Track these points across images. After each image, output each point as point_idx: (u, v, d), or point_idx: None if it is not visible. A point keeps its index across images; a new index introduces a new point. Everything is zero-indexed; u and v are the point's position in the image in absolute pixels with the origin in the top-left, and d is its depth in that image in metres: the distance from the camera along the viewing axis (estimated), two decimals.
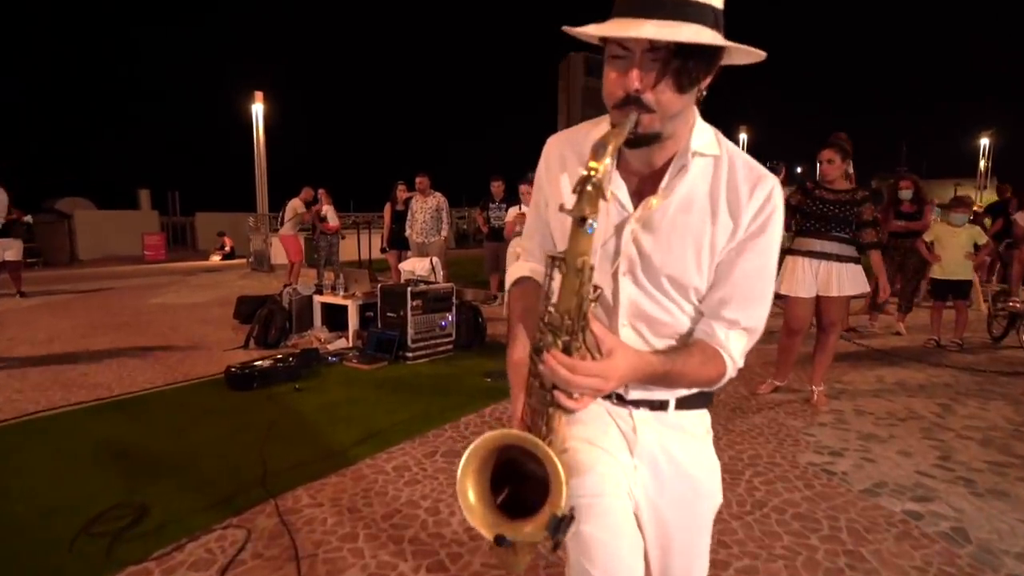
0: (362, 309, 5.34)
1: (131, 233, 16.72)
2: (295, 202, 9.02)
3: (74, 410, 3.58)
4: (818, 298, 3.73)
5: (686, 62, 0.85)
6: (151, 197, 20.12)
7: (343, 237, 9.76)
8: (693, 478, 1.09)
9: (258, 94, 13.45)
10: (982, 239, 5.49)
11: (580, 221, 0.79)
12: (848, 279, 3.67)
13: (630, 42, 0.85)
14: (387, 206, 8.19)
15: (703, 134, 0.99)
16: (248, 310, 5.96)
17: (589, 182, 0.78)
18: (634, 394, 1.06)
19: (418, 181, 7.44)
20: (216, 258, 15.98)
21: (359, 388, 4.05)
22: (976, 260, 5.56)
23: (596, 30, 0.87)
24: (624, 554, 0.97)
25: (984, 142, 25.41)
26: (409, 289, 4.76)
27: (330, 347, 5.11)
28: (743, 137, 24.35)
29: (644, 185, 1.00)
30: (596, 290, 0.85)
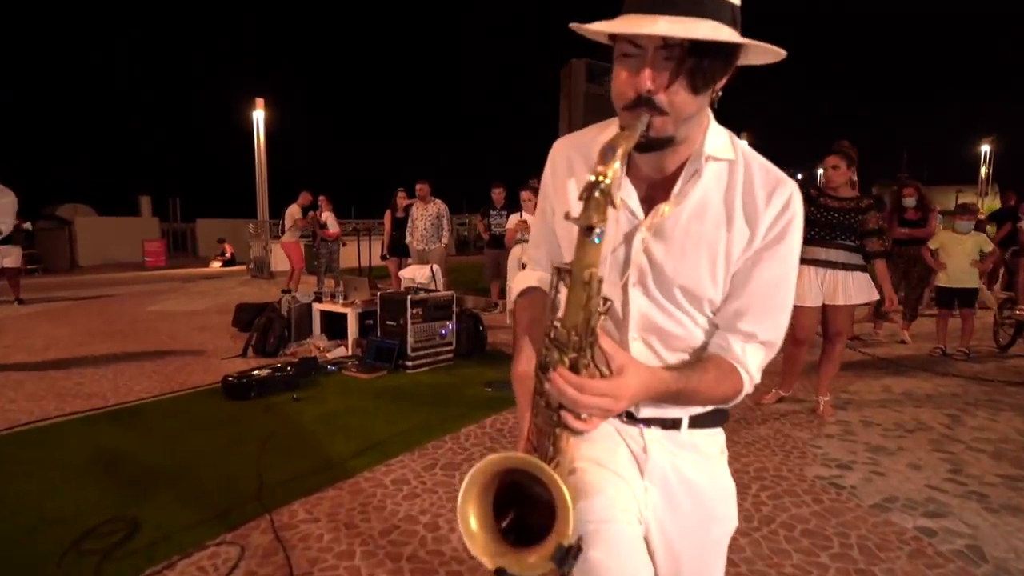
0: (361, 317, 5.29)
1: (132, 240, 16.70)
2: (292, 208, 9.00)
3: (68, 420, 3.52)
4: (824, 307, 3.68)
5: (701, 61, 0.80)
6: (152, 203, 20.12)
7: (344, 244, 9.73)
8: (707, 501, 1.04)
9: (259, 101, 13.47)
10: (988, 247, 5.44)
11: (587, 230, 0.74)
12: (854, 288, 3.62)
13: (642, 39, 0.80)
14: (387, 213, 8.16)
15: (717, 137, 0.94)
16: (247, 318, 5.91)
17: (597, 188, 0.73)
18: (645, 412, 1.01)
19: (418, 188, 7.41)
20: (216, 265, 15.94)
21: (358, 398, 3.99)
22: (982, 268, 5.51)
23: (606, 27, 0.82)
24: None
25: (985, 149, 25.40)
26: (409, 297, 4.70)
27: (329, 355, 5.05)
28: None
29: (655, 191, 0.95)
30: (606, 302, 0.80)
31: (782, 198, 0.93)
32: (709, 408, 1.03)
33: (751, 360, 0.97)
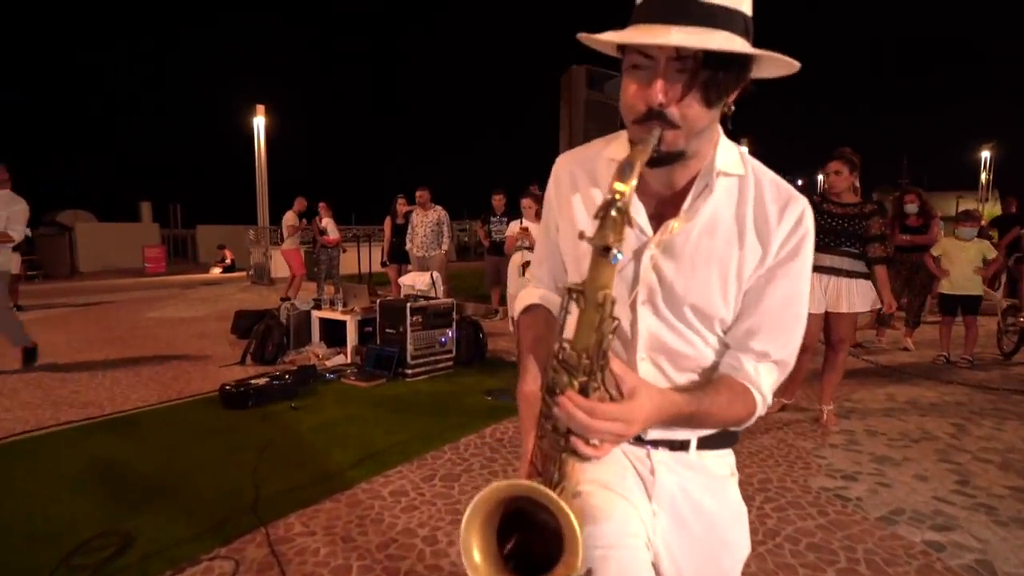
0: (361, 324, 5.25)
1: (132, 246, 16.72)
2: (288, 215, 9.01)
3: (62, 430, 3.48)
4: (827, 314, 3.64)
5: (715, 73, 0.77)
6: (153, 209, 20.15)
7: (344, 250, 9.71)
8: (717, 525, 1.00)
9: (260, 107, 13.47)
10: (991, 253, 5.41)
11: (603, 250, 0.71)
12: (858, 295, 3.58)
13: (654, 50, 0.77)
14: (387, 220, 8.14)
15: (728, 152, 0.92)
16: (246, 325, 5.89)
17: (614, 207, 0.70)
18: (653, 433, 0.98)
19: (418, 195, 7.39)
20: (217, 271, 15.94)
21: (356, 406, 3.95)
22: (985, 274, 5.48)
23: (616, 37, 0.79)
24: None
25: (985, 154, 25.39)
26: (408, 305, 4.67)
27: (328, 363, 5.01)
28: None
29: (664, 207, 0.93)
30: (614, 321, 0.77)
31: (795, 214, 0.90)
32: (717, 431, 1.00)
33: (764, 380, 0.94)
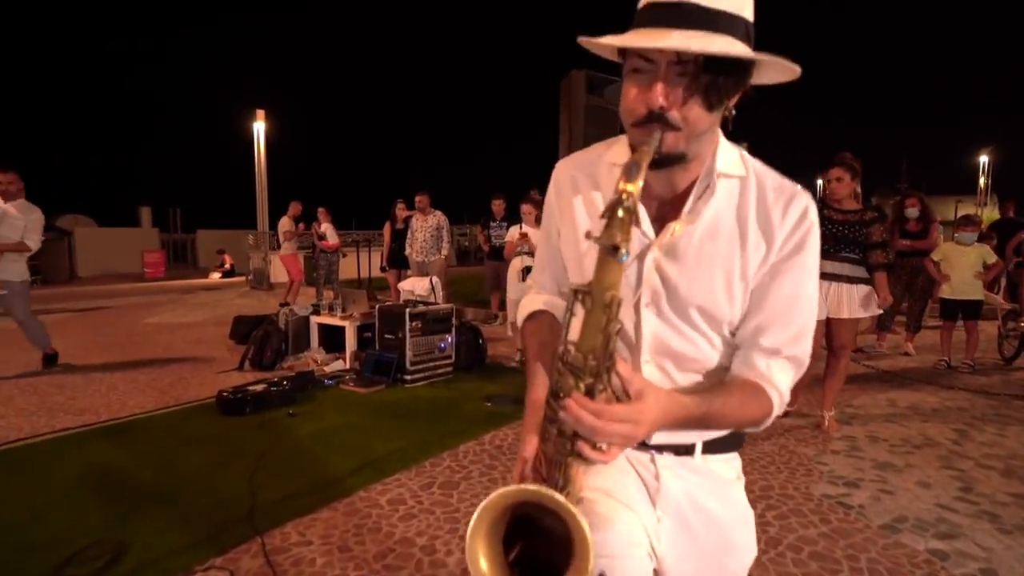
0: (360, 330, 5.23)
1: (131, 250, 16.70)
2: (284, 220, 9.01)
3: (57, 437, 3.45)
4: (828, 320, 3.62)
5: (716, 77, 0.77)
6: (152, 214, 20.15)
7: (344, 255, 9.70)
8: (723, 529, 0.99)
9: (260, 112, 13.50)
10: (991, 258, 5.40)
11: (612, 250, 0.70)
12: (859, 301, 3.57)
13: (655, 54, 0.78)
14: (387, 225, 8.14)
15: (728, 153, 0.92)
16: (245, 330, 5.86)
17: (621, 206, 0.70)
18: (657, 437, 0.96)
19: (418, 200, 7.38)
20: (216, 276, 15.92)
21: (355, 413, 3.93)
22: (985, 279, 5.46)
23: (617, 41, 0.79)
24: None
25: (983, 159, 25.44)
26: (407, 310, 4.65)
27: (327, 369, 4.99)
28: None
29: (665, 210, 0.92)
30: (618, 324, 0.76)
31: (798, 209, 0.90)
32: (724, 432, 0.98)
33: (777, 377, 0.92)
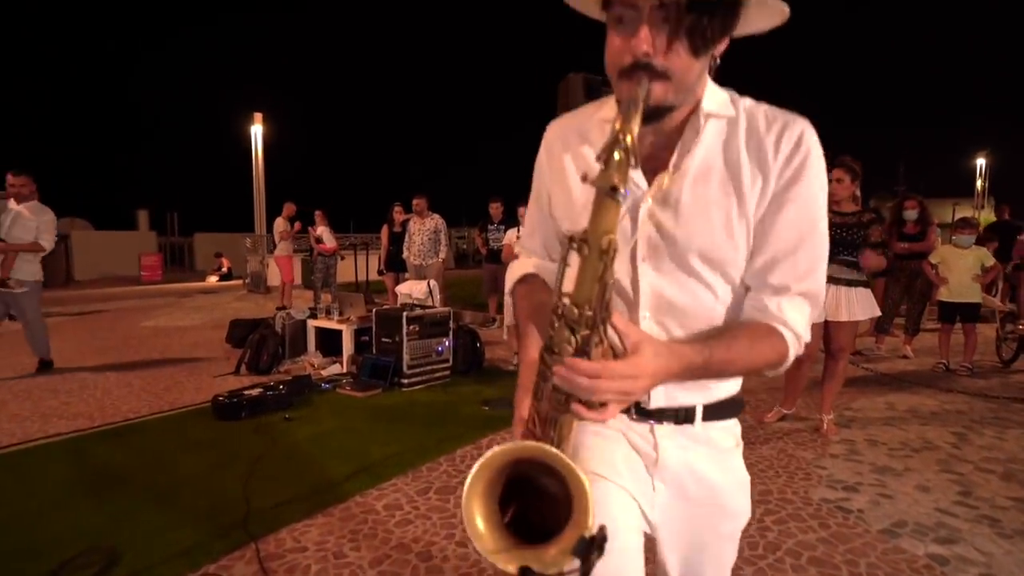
0: (357, 334, 5.21)
1: (128, 254, 16.63)
2: (278, 221, 9.00)
3: (51, 443, 3.43)
4: (826, 323, 3.61)
5: (700, 18, 0.75)
6: (150, 217, 20.08)
7: (342, 258, 9.67)
8: (721, 498, 0.99)
9: (257, 115, 13.45)
10: (989, 260, 5.40)
11: (610, 191, 0.67)
12: (857, 303, 3.56)
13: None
14: (384, 228, 8.11)
15: (715, 95, 0.88)
16: (241, 334, 5.83)
17: (618, 146, 0.67)
18: (656, 400, 0.94)
19: (416, 203, 7.36)
20: (213, 279, 15.87)
21: (351, 417, 3.90)
22: (983, 282, 5.46)
23: None
24: None
25: (980, 162, 25.48)
26: (405, 313, 4.63)
27: (324, 372, 4.96)
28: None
29: (656, 160, 0.89)
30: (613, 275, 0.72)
31: (793, 135, 0.86)
32: (724, 397, 0.97)
33: (790, 316, 0.87)
